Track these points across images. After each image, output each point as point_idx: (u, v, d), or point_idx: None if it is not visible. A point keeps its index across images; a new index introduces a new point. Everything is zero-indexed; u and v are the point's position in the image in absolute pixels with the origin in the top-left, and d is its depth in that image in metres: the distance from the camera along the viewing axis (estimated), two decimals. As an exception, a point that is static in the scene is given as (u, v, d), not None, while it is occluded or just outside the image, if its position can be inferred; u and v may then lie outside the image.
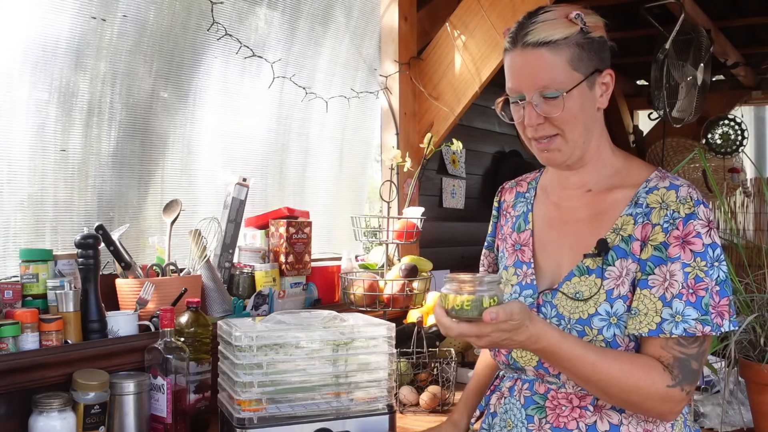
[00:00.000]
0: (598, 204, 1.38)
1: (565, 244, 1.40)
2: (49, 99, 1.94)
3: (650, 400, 1.24)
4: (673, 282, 1.25)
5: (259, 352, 1.66)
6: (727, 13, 4.19)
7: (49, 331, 1.71)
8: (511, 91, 1.34)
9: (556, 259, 1.40)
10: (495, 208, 1.61)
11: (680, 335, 1.23)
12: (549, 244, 1.43)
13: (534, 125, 1.31)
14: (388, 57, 3.00)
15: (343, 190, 2.97)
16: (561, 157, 1.34)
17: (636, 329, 1.27)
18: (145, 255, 2.17)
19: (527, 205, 1.51)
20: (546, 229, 1.45)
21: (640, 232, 1.30)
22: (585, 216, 1.39)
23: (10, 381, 1.63)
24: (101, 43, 2.03)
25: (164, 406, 1.77)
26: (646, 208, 1.31)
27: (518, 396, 1.41)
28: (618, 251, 1.31)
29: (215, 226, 2.21)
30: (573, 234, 1.39)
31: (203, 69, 2.33)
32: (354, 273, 2.50)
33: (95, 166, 2.05)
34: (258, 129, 2.56)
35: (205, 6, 2.26)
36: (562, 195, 1.44)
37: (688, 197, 1.28)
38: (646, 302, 1.26)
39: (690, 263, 1.25)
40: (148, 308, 1.94)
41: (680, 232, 1.26)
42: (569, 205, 1.42)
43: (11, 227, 1.89)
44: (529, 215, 1.49)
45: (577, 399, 1.33)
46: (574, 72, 1.28)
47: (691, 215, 1.26)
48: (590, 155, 1.37)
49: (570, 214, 1.42)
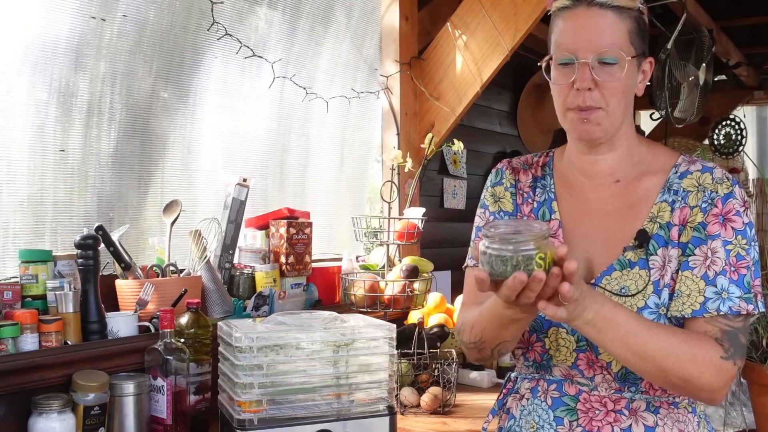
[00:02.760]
0: (629, 195, 1.32)
1: (596, 239, 1.32)
2: (49, 99, 1.93)
3: (707, 373, 1.18)
4: (716, 259, 1.22)
5: (260, 353, 1.65)
6: (730, 13, 4.18)
7: (49, 332, 1.70)
8: (565, 51, 1.25)
9: (586, 253, 1.32)
10: (510, 185, 1.43)
11: (726, 312, 1.20)
12: (577, 238, 1.34)
13: (585, 89, 1.24)
14: (389, 57, 3.00)
15: (343, 190, 2.96)
16: (599, 131, 1.27)
17: (679, 310, 1.23)
18: (145, 256, 2.16)
19: (548, 192, 1.40)
20: (573, 222, 1.36)
21: (678, 217, 1.27)
22: (616, 208, 1.33)
23: (10, 382, 1.62)
24: (101, 43, 2.03)
25: (164, 408, 1.77)
26: (683, 193, 1.28)
27: (544, 397, 1.34)
28: (658, 240, 1.27)
29: (215, 226, 2.20)
30: (605, 227, 1.32)
31: (203, 69, 2.33)
32: (355, 274, 2.49)
33: (95, 166, 2.05)
34: (258, 129, 2.55)
35: (205, 6, 2.25)
36: (587, 185, 1.36)
37: (724, 177, 1.27)
38: (688, 283, 1.23)
39: (731, 241, 1.22)
40: (148, 309, 1.94)
41: (719, 210, 1.24)
42: (597, 196, 1.35)
43: (11, 228, 1.89)
44: (553, 204, 1.38)
45: (611, 402, 1.28)
46: (630, 45, 1.25)
47: (730, 194, 1.25)
48: (620, 140, 1.32)
49: (598, 207, 1.34)
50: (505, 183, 1.43)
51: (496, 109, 3.98)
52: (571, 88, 1.25)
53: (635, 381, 1.26)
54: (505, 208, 1.42)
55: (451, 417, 2.14)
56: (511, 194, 1.42)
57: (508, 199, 1.42)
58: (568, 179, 1.39)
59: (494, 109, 3.97)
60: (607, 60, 1.23)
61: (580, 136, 1.30)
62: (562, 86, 1.27)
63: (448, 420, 2.11)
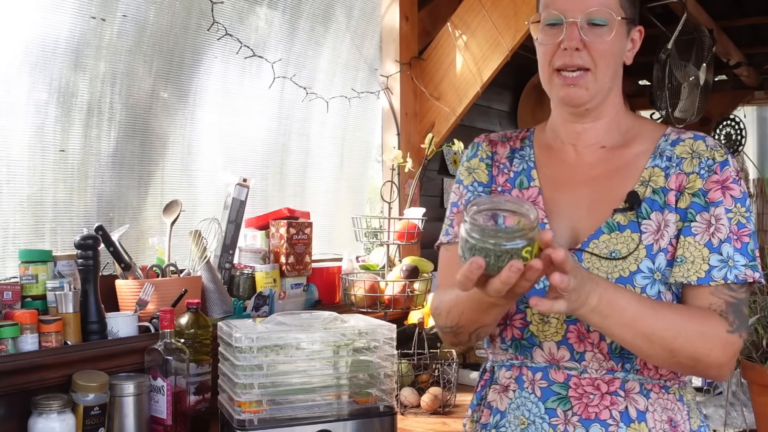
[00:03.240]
0: (616, 159, 1.28)
1: (582, 204, 1.27)
2: (49, 99, 1.93)
3: (715, 349, 1.14)
4: (720, 227, 1.19)
5: (260, 354, 1.65)
6: (730, 13, 4.18)
7: (49, 333, 1.70)
8: (553, 10, 1.22)
9: (572, 221, 1.27)
10: (486, 157, 1.39)
11: (732, 281, 1.17)
12: (561, 205, 1.29)
13: (572, 48, 1.20)
14: (389, 57, 3.00)
15: (343, 190, 2.96)
16: (585, 95, 1.23)
17: (684, 277, 1.18)
18: (145, 256, 2.16)
19: (527, 162, 1.35)
20: (556, 189, 1.31)
21: (675, 182, 1.23)
22: (602, 173, 1.28)
23: (10, 382, 1.62)
24: (101, 43, 2.03)
25: (164, 408, 1.77)
26: (676, 159, 1.25)
27: (531, 388, 1.25)
28: (652, 204, 1.23)
29: (215, 226, 2.20)
30: (591, 193, 1.28)
31: (203, 69, 2.32)
32: (355, 274, 2.49)
33: (95, 166, 2.05)
34: (258, 129, 2.55)
35: (205, 6, 2.25)
36: (572, 151, 1.32)
37: (717, 145, 1.25)
38: (691, 250, 1.19)
39: (732, 209, 1.20)
40: (148, 309, 1.93)
41: (719, 177, 1.21)
42: (582, 162, 1.31)
43: (10, 228, 1.88)
44: (532, 172, 1.34)
45: (605, 384, 1.21)
46: (621, 9, 1.22)
47: (725, 162, 1.22)
48: (608, 108, 1.28)
49: (584, 173, 1.30)
50: (481, 154, 1.39)
51: (496, 109, 3.98)
52: (558, 48, 1.22)
53: (630, 356, 1.20)
54: (479, 179, 1.37)
55: (451, 417, 2.14)
56: (487, 165, 1.38)
57: (483, 170, 1.38)
58: (551, 147, 1.35)
59: (494, 109, 3.96)
60: (597, 21, 1.21)
61: (566, 100, 1.25)
62: (548, 47, 1.24)
63: (449, 420, 2.11)
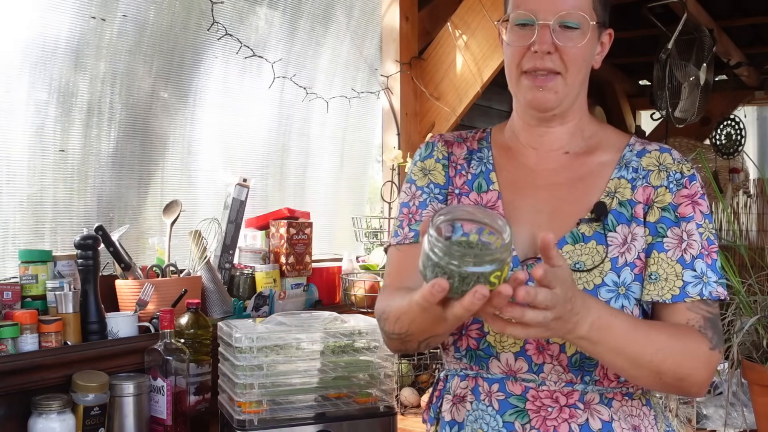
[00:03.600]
0: (580, 167, 1.25)
1: (543, 209, 1.23)
2: (49, 99, 1.93)
3: (700, 367, 1.12)
4: (692, 242, 1.17)
5: (260, 354, 1.65)
6: (730, 13, 4.17)
7: (49, 333, 1.70)
8: (524, 11, 1.18)
9: (532, 227, 1.21)
10: (443, 158, 1.32)
11: (708, 297, 1.15)
12: (521, 210, 1.24)
13: (544, 52, 1.16)
14: (389, 57, 3.00)
15: (343, 190, 2.96)
16: (554, 100, 1.20)
17: (659, 295, 1.16)
18: (145, 256, 2.16)
19: (485, 164, 1.30)
20: (516, 193, 1.26)
21: (642, 195, 1.21)
22: (566, 179, 1.24)
23: (10, 382, 1.62)
24: (101, 42, 2.03)
25: (164, 408, 1.77)
26: (642, 171, 1.22)
27: (488, 400, 1.20)
28: (618, 216, 1.20)
29: (215, 226, 2.20)
30: (552, 199, 1.23)
31: (203, 69, 2.32)
32: (355, 274, 2.49)
33: (95, 166, 2.05)
34: (258, 129, 2.55)
35: (205, 6, 2.25)
36: (533, 155, 1.27)
37: (683, 159, 1.23)
38: (664, 266, 1.17)
39: (702, 224, 1.18)
40: (148, 309, 1.93)
41: (689, 191, 1.20)
42: (544, 167, 1.26)
43: (10, 228, 1.89)
44: (491, 175, 1.29)
45: (564, 397, 1.18)
46: (593, 12, 1.20)
47: (693, 176, 1.21)
48: (574, 112, 1.25)
49: (546, 178, 1.25)
50: (437, 155, 1.33)
51: (496, 109, 3.98)
52: (528, 50, 1.18)
53: (589, 369, 1.17)
54: (436, 180, 1.31)
55: (451, 417, 2.14)
56: (444, 166, 1.32)
57: (439, 171, 1.31)
58: (511, 150, 1.30)
59: (495, 109, 3.96)
60: (569, 24, 1.17)
61: (533, 104, 1.21)
62: (517, 48, 1.19)
63: (449, 420, 2.11)
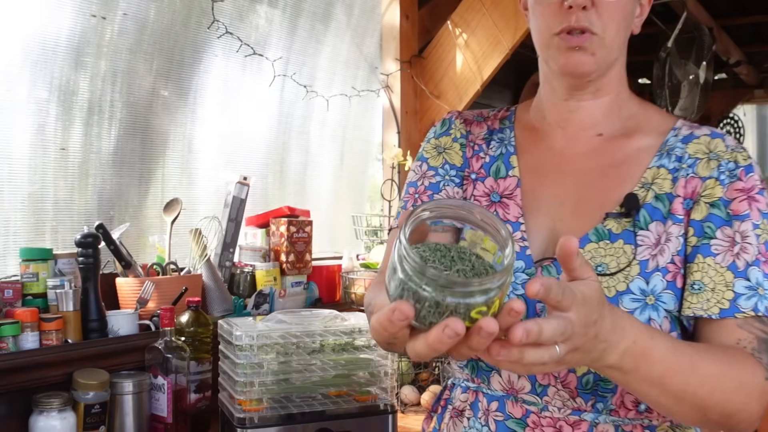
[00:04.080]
0: (615, 152, 1.08)
1: (566, 200, 1.07)
2: (49, 97, 1.93)
3: (753, 402, 0.91)
4: (746, 246, 0.97)
5: (260, 352, 1.65)
6: (730, 12, 4.18)
7: (49, 331, 1.70)
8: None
9: (552, 221, 1.06)
10: (461, 136, 1.18)
11: (764, 314, 0.95)
12: (542, 200, 1.08)
13: (579, 6, 1.00)
14: (390, 55, 3.00)
15: (344, 188, 2.96)
16: (591, 63, 1.03)
17: (703, 309, 0.96)
18: (145, 254, 2.16)
19: (506, 146, 1.15)
20: (537, 180, 1.10)
21: (684, 188, 1.02)
22: (595, 166, 1.08)
23: (10, 380, 1.62)
24: (101, 41, 2.03)
25: (165, 406, 1.77)
26: (688, 160, 1.04)
27: (485, 419, 1.06)
28: (653, 212, 1.02)
29: (216, 225, 2.20)
30: (578, 188, 1.07)
31: (203, 67, 2.32)
32: (355, 272, 2.49)
33: (95, 164, 2.05)
34: (259, 127, 2.55)
35: (206, 4, 2.25)
36: (562, 136, 1.11)
37: (738, 146, 1.04)
38: (711, 274, 0.97)
39: (759, 224, 0.99)
40: (149, 307, 1.94)
41: (744, 184, 1.00)
42: (573, 151, 1.10)
43: (11, 226, 1.89)
44: (511, 158, 1.13)
45: (569, 427, 1.00)
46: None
47: (750, 167, 1.02)
48: (610, 84, 1.09)
49: (574, 163, 1.09)
50: (454, 133, 1.19)
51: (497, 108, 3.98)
52: (560, 7, 1.02)
53: (604, 394, 0.99)
54: (451, 160, 1.16)
55: (451, 415, 2.14)
56: (461, 146, 1.17)
57: (456, 150, 1.17)
58: (536, 131, 1.15)
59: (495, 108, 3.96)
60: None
61: (567, 69, 1.04)
62: (548, 7, 1.04)
63: (449, 418, 2.12)
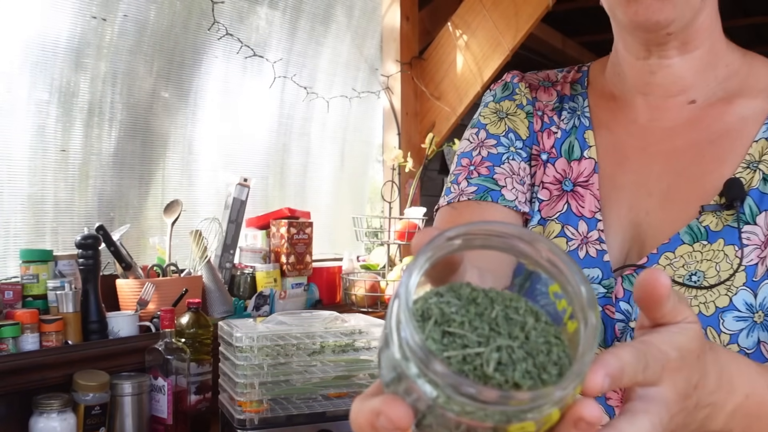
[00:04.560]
0: (712, 123, 0.83)
1: (654, 189, 0.83)
2: (50, 99, 1.93)
3: None
4: None
5: (260, 353, 1.65)
6: (732, 13, 4.18)
7: (50, 332, 1.70)
8: None
9: (636, 215, 0.83)
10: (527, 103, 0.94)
11: None
12: (624, 189, 0.85)
13: None
14: (390, 57, 3.00)
15: (344, 190, 2.96)
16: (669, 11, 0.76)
17: None
18: (145, 255, 2.16)
19: (580, 118, 0.91)
20: (618, 162, 0.86)
21: None
22: (689, 143, 0.84)
23: (10, 382, 1.62)
24: (102, 42, 2.03)
25: (165, 407, 1.77)
26: None
27: None
28: (760, 200, 0.78)
29: (216, 226, 2.20)
30: (669, 173, 0.83)
31: (204, 69, 2.33)
32: (355, 273, 2.49)
33: (96, 166, 2.05)
34: (259, 129, 2.55)
35: (206, 5, 2.25)
36: (645, 107, 0.86)
37: None
38: None
39: None
40: (149, 309, 1.94)
41: None
42: (659, 125, 0.85)
43: (11, 227, 1.89)
44: (587, 134, 0.89)
45: None
46: None
47: None
48: (699, 36, 0.82)
49: (662, 141, 0.85)
50: (519, 99, 0.94)
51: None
52: None
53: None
54: (517, 129, 0.92)
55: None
56: (527, 114, 0.93)
57: (521, 119, 0.93)
58: (614, 99, 0.90)
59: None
60: None
61: (637, 21, 0.78)
62: None
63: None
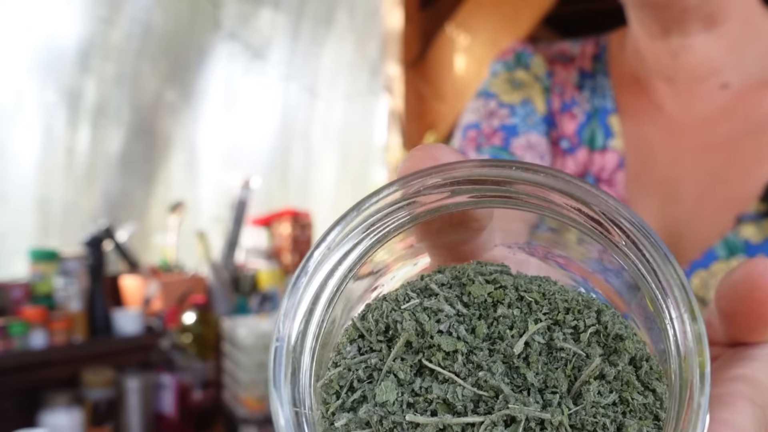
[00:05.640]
0: (751, 112, 0.68)
1: (685, 193, 0.69)
2: (57, 101, 1.96)
3: None
4: None
5: (264, 351, 1.67)
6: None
7: (57, 330, 1.72)
8: None
9: (666, 225, 0.69)
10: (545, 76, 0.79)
11: None
12: (651, 190, 0.70)
13: None
14: (391, 58, 3.02)
15: (346, 190, 2.98)
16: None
17: None
18: (150, 254, 2.19)
19: (602, 99, 0.75)
20: (645, 158, 0.71)
21: None
22: (724, 137, 0.69)
23: (19, 378, 1.65)
24: (108, 45, 2.05)
25: (170, 404, 1.79)
26: None
27: None
28: None
29: (220, 226, 2.22)
30: (702, 173, 0.69)
31: (208, 70, 2.35)
32: (357, 273, 2.51)
33: (102, 166, 2.07)
34: (262, 130, 2.58)
35: (210, 8, 2.27)
36: (670, 94, 0.71)
37: None
38: None
39: None
40: (154, 307, 1.96)
41: None
42: (689, 115, 0.70)
43: (19, 227, 1.91)
44: (611, 119, 0.73)
45: None
46: None
47: None
48: (726, 4, 0.66)
49: (692, 134, 0.70)
50: (535, 70, 0.79)
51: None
52: None
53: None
54: (535, 102, 0.77)
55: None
56: (545, 89, 0.78)
57: (538, 93, 0.77)
58: (637, 81, 0.74)
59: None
60: None
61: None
62: None
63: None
